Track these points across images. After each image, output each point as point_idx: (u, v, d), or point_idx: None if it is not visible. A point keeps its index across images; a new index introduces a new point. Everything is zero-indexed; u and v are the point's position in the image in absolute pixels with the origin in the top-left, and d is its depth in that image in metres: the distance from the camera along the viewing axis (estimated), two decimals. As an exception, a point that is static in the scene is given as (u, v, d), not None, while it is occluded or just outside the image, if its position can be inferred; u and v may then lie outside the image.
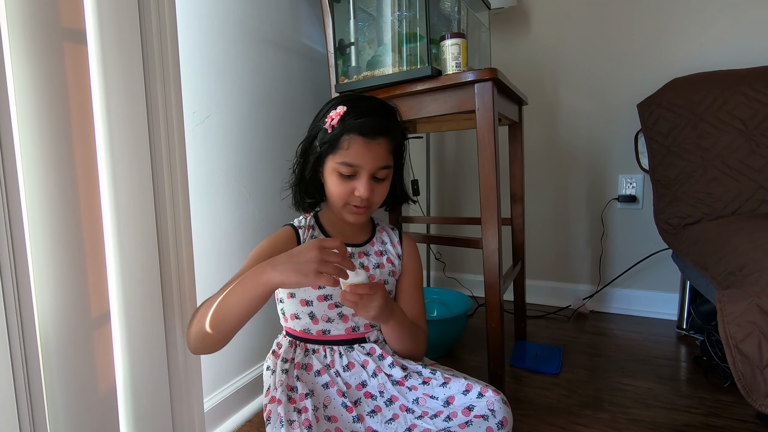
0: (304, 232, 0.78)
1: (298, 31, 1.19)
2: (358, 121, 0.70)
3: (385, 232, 0.87)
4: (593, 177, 1.64)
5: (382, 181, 0.75)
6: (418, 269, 0.86)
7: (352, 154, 0.71)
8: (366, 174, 0.72)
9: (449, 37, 0.97)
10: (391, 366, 0.75)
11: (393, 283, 0.83)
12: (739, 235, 0.92)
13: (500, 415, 0.66)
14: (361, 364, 0.75)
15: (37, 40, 0.52)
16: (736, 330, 0.68)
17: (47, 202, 0.54)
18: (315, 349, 0.77)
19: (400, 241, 0.86)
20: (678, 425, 0.93)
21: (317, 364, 0.75)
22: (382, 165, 0.73)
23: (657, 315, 1.56)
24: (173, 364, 0.68)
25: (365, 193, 0.71)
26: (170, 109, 0.66)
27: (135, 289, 0.63)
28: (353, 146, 0.70)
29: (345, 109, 0.71)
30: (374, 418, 0.70)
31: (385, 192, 0.76)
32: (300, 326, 0.77)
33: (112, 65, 0.60)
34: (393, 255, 0.84)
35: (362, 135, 0.70)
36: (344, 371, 0.75)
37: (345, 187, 0.72)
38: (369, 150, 0.71)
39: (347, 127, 0.71)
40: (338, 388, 0.72)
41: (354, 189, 0.72)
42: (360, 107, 0.73)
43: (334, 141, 0.71)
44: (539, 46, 1.66)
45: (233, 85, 0.98)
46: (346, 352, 0.76)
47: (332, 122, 0.71)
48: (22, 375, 0.51)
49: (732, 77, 1.25)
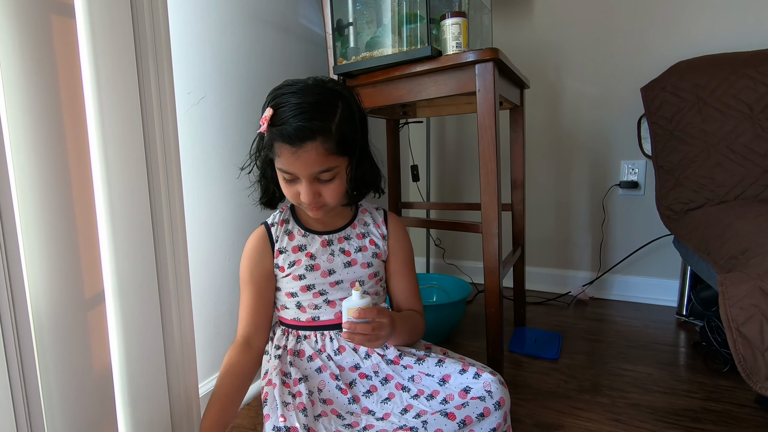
0: (277, 228, 0.77)
1: (296, 11, 1.16)
2: (280, 129, 0.65)
3: (368, 213, 0.82)
4: (595, 163, 1.62)
5: (329, 182, 0.69)
6: (407, 248, 0.83)
7: (283, 162, 0.67)
8: (305, 180, 0.67)
9: (450, 16, 0.95)
10: (385, 347, 0.74)
11: (379, 264, 0.80)
12: (742, 219, 0.91)
13: (497, 396, 0.65)
14: (353, 347, 0.75)
15: (22, 13, 0.50)
16: (738, 313, 0.67)
17: (37, 181, 0.52)
18: (306, 335, 0.76)
19: (384, 221, 0.82)
20: (677, 409, 0.93)
21: (309, 349, 0.75)
22: (318, 170, 0.67)
23: (657, 301, 1.56)
24: (169, 345, 0.67)
25: (308, 198, 0.68)
26: (163, 87, 0.65)
27: (129, 269, 0.62)
28: (283, 153, 0.66)
29: (271, 112, 0.66)
30: (370, 398, 0.70)
31: (337, 190, 0.70)
32: (290, 315, 0.77)
33: (101, 41, 0.58)
34: (377, 236, 0.80)
35: (286, 143, 0.65)
36: (336, 355, 0.74)
37: (292, 189, 0.70)
38: (297, 158, 0.65)
39: (273, 135, 0.66)
40: (331, 372, 0.72)
41: (299, 192, 0.69)
42: (284, 108, 0.66)
43: (269, 147, 0.68)
44: (542, 29, 1.63)
45: (229, 66, 0.96)
46: (337, 336, 0.76)
47: (263, 128, 0.67)
48: (15, 356, 0.50)
49: (737, 60, 1.23)
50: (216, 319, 0.97)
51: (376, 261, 0.80)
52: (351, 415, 0.67)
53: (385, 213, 0.84)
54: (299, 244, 0.76)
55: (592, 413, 0.92)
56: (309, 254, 0.75)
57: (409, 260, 0.83)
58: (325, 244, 0.76)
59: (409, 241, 0.85)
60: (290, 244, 0.76)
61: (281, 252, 0.76)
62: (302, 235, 0.77)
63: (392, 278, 0.83)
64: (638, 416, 0.91)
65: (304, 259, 0.75)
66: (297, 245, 0.76)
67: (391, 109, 1.37)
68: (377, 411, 0.68)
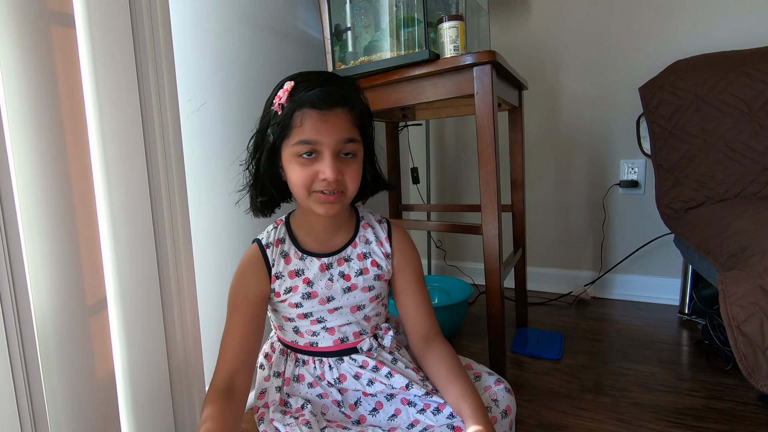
0: (273, 251, 0.68)
1: (294, 17, 1.17)
2: (309, 93, 0.60)
3: (370, 228, 0.73)
4: (594, 162, 1.62)
5: (352, 159, 0.63)
6: (415, 263, 0.75)
7: (306, 130, 0.59)
8: (329, 151, 0.60)
9: (447, 19, 0.96)
10: (389, 376, 0.68)
11: (381, 286, 0.72)
12: (742, 217, 0.91)
13: (503, 405, 0.65)
14: (354, 375, 0.70)
15: (23, 24, 0.51)
16: (738, 311, 0.67)
17: (40, 189, 0.53)
18: (305, 360, 0.71)
19: (388, 237, 0.73)
20: (680, 408, 0.93)
21: (308, 376, 0.70)
22: (346, 137, 0.61)
23: (659, 300, 1.56)
24: (172, 351, 0.68)
25: (332, 174, 0.59)
26: (163, 95, 0.65)
27: (132, 276, 0.63)
28: (306, 121, 0.59)
29: (292, 84, 0.61)
30: (376, 416, 0.68)
31: (357, 174, 0.64)
32: (287, 337, 0.72)
33: (101, 50, 0.58)
34: (380, 256, 0.72)
35: (315, 108, 0.59)
36: (336, 383, 0.69)
37: (307, 172, 0.60)
38: (325, 122, 0.59)
39: (297, 102, 0.60)
40: (333, 399, 0.68)
41: (318, 173, 0.60)
42: (310, 79, 0.62)
43: (285, 121, 0.60)
44: (539, 31, 1.64)
45: (229, 72, 0.96)
46: (336, 364, 0.69)
47: (280, 101, 0.61)
48: (19, 361, 0.50)
49: (735, 58, 1.23)
50: (219, 324, 0.96)
51: (378, 283, 0.72)
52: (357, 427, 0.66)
53: (389, 226, 0.75)
54: (296, 269, 0.68)
55: (594, 413, 0.92)
56: (306, 280, 0.67)
57: (419, 275, 0.75)
58: (323, 268, 0.68)
59: (417, 254, 0.77)
60: (286, 268, 0.68)
61: (278, 278, 0.68)
62: (299, 258, 0.68)
63: (401, 295, 0.74)
64: (641, 415, 0.91)
65: (301, 286, 0.67)
66: (294, 270, 0.68)
67: (390, 112, 1.37)
68: (383, 426, 0.67)
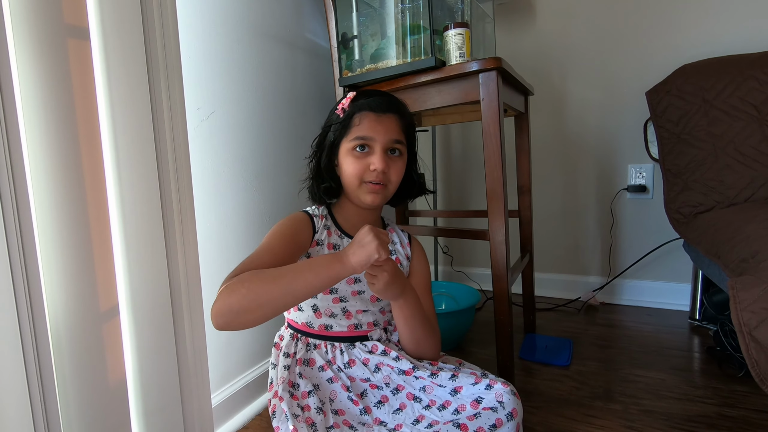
0: (318, 220, 0.79)
1: (301, 26, 1.19)
2: (368, 99, 0.75)
3: (396, 233, 0.88)
4: (602, 167, 1.62)
5: (398, 158, 0.76)
6: (426, 271, 0.87)
7: (363, 128, 0.74)
8: (380, 147, 0.74)
9: (452, 27, 0.96)
10: (397, 359, 0.74)
11: None
12: (752, 222, 0.90)
13: (509, 407, 0.65)
14: (362, 361, 0.75)
15: (40, 37, 0.52)
16: (750, 317, 0.66)
17: (55, 197, 0.54)
18: (316, 344, 0.77)
19: (409, 243, 0.88)
20: (692, 415, 0.92)
21: (319, 359, 0.75)
22: (395, 138, 0.75)
23: (669, 306, 1.54)
24: (182, 357, 0.69)
25: (380, 165, 0.73)
26: (174, 105, 0.67)
27: (143, 283, 0.63)
28: (364, 121, 0.74)
29: (354, 93, 0.77)
30: (381, 409, 0.70)
31: (401, 171, 0.77)
32: (302, 319, 0.77)
33: (115, 62, 0.60)
34: (402, 255, 0.85)
35: (372, 110, 0.74)
36: (346, 368, 0.75)
37: (360, 164, 0.74)
38: (380, 123, 0.74)
39: (358, 107, 0.75)
40: (342, 383, 0.72)
41: (369, 165, 0.73)
42: (369, 92, 0.79)
43: (345, 122, 0.75)
44: (545, 36, 1.64)
45: (237, 81, 0.98)
46: (347, 349, 0.76)
47: (343, 107, 0.76)
48: (34, 368, 0.51)
49: (743, 62, 1.23)
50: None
51: None
52: (363, 426, 0.68)
53: (410, 236, 0.89)
54: (334, 243, 0.78)
55: (605, 420, 0.91)
56: None
57: (428, 283, 0.86)
58: None
59: (428, 265, 0.89)
60: (327, 239, 0.78)
61: (318, 244, 0.77)
62: (338, 235, 0.79)
63: None
64: (652, 423, 0.90)
65: None
66: (332, 243, 0.78)
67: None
68: (389, 422, 0.68)
